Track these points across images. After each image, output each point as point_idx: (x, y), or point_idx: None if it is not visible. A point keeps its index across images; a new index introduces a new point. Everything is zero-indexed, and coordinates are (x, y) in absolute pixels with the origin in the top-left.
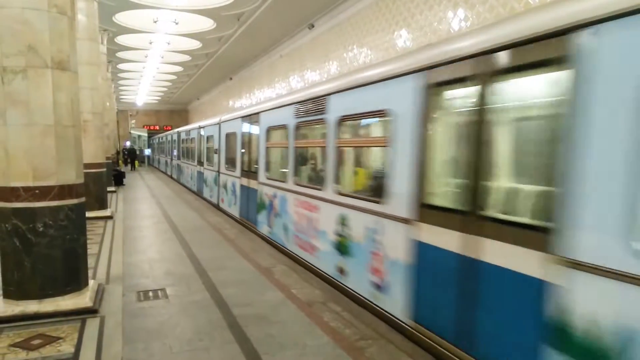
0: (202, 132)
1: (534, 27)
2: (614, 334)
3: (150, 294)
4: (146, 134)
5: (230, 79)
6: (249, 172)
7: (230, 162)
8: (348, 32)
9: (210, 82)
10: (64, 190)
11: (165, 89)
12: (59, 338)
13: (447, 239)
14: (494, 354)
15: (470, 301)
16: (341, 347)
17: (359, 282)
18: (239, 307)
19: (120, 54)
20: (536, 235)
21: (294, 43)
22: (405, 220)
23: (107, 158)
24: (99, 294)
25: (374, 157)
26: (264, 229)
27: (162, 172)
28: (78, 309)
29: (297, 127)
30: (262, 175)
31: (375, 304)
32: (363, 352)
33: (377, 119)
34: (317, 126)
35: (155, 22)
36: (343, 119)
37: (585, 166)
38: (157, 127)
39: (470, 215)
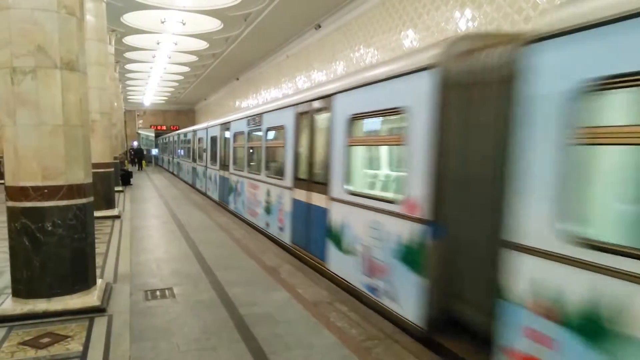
0: (196, 135)
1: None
2: None
3: (158, 293)
4: (153, 134)
5: (237, 79)
6: (224, 165)
7: (213, 158)
8: (355, 32)
9: (217, 82)
10: (73, 190)
11: (172, 89)
12: (67, 337)
13: (303, 195)
14: (315, 250)
15: (309, 225)
16: (347, 347)
17: (274, 229)
18: (246, 306)
19: (127, 55)
20: (322, 187)
21: (301, 43)
22: (290, 188)
23: (115, 158)
24: (107, 293)
25: (280, 154)
26: (231, 206)
27: (169, 171)
28: (86, 308)
29: (249, 133)
30: (231, 167)
31: (279, 239)
32: (369, 353)
33: (278, 130)
34: (257, 133)
35: (162, 22)
36: (268, 129)
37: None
38: (164, 127)
39: (309, 182)
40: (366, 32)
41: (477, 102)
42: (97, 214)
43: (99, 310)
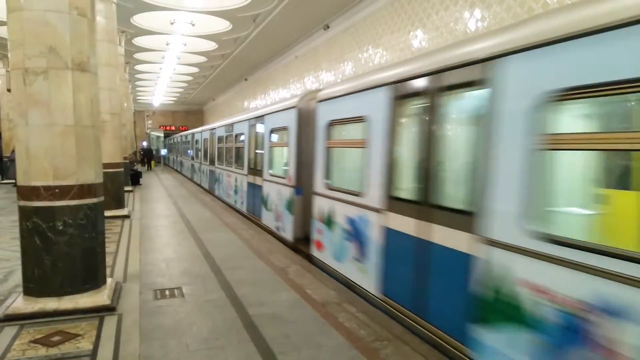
0: (196, 137)
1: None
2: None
3: (167, 292)
4: (162, 135)
5: (246, 79)
6: (212, 162)
7: (206, 156)
8: (363, 33)
9: (225, 82)
10: (83, 190)
11: (181, 90)
12: (77, 335)
13: (258, 180)
14: (257, 213)
15: (256, 198)
16: (356, 347)
17: (240, 205)
18: (254, 306)
19: (137, 55)
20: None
21: (309, 44)
22: (246, 175)
23: (125, 158)
24: (117, 292)
25: (241, 152)
26: (216, 192)
27: (176, 171)
28: (96, 307)
29: (226, 137)
30: (216, 163)
31: (238, 210)
32: (378, 353)
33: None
34: (231, 137)
35: (172, 23)
36: (237, 135)
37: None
38: (173, 128)
39: (255, 170)
40: (374, 32)
41: (312, 127)
42: (106, 213)
43: (108, 309)
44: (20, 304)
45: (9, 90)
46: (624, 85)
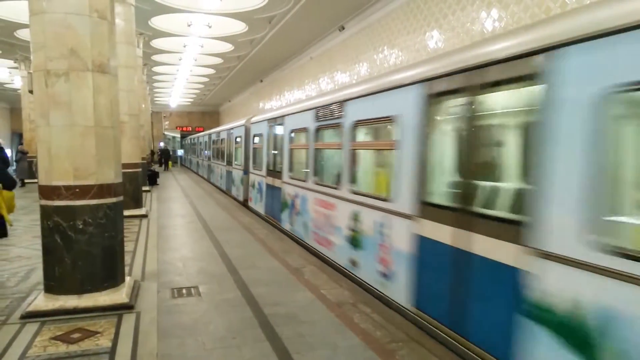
0: (205, 139)
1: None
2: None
3: (184, 291)
4: (179, 135)
5: (261, 81)
6: (217, 160)
7: (218, 155)
8: (379, 34)
9: (241, 84)
10: (103, 189)
11: (197, 91)
12: (96, 332)
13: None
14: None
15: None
16: (372, 349)
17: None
18: (270, 306)
19: (155, 57)
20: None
21: (324, 45)
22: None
23: (143, 159)
24: (135, 290)
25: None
26: (222, 187)
27: (192, 171)
28: (115, 305)
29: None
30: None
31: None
32: (394, 355)
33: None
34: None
35: (189, 25)
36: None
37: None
38: (189, 129)
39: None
40: (390, 33)
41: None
42: (125, 213)
43: (127, 307)
44: (42, 301)
45: (30, 92)
46: None
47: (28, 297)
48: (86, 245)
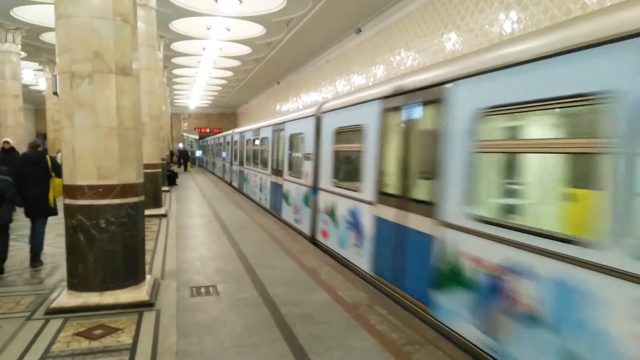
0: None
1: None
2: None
3: (203, 290)
4: (197, 137)
5: (278, 83)
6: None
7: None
8: (395, 36)
9: (258, 86)
10: (125, 189)
11: (215, 93)
12: (118, 329)
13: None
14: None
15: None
16: (388, 350)
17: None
18: (287, 306)
19: (175, 60)
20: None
21: (341, 47)
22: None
23: (162, 159)
24: (155, 288)
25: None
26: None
27: (210, 171)
28: (136, 302)
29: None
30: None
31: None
32: (410, 357)
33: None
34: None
35: (208, 29)
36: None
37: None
38: (208, 130)
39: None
40: (407, 35)
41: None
42: (145, 212)
43: (147, 304)
44: (65, 298)
45: (54, 94)
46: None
47: (52, 294)
48: (108, 243)
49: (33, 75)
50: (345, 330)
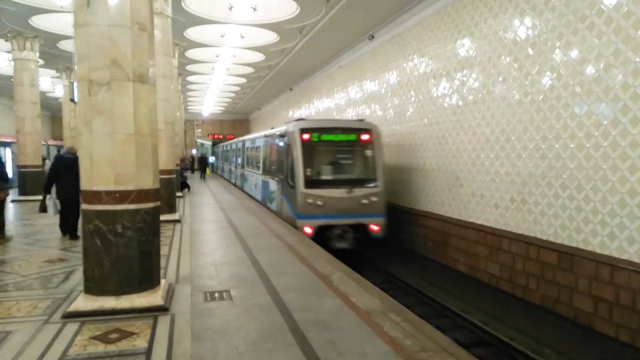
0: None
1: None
2: None
3: (216, 295)
4: (210, 143)
5: (291, 89)
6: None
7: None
8: (409, 42)
9: (271, 93)
10: (142, 195)
11: (229, 100)
12: (133, 333)
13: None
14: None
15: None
16: (402, 357)
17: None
18: (300, 311)
19: (189, 67)
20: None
21: (354, 54)
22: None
23: (177, 165)
24: (170, 293)
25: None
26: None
27: (220, 176)
28: (151, 307)
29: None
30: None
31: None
32: None
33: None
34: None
35: (222, 36)
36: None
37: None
38: (221, 136)
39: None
40: (420, 41)
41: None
42: (160, 217)
43: (162, 309)
44: (81, 302)
45: (72, 101)
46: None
47: (68, 298)
48: (124, 248)
49: (50, 83)
50: (359, 337)
